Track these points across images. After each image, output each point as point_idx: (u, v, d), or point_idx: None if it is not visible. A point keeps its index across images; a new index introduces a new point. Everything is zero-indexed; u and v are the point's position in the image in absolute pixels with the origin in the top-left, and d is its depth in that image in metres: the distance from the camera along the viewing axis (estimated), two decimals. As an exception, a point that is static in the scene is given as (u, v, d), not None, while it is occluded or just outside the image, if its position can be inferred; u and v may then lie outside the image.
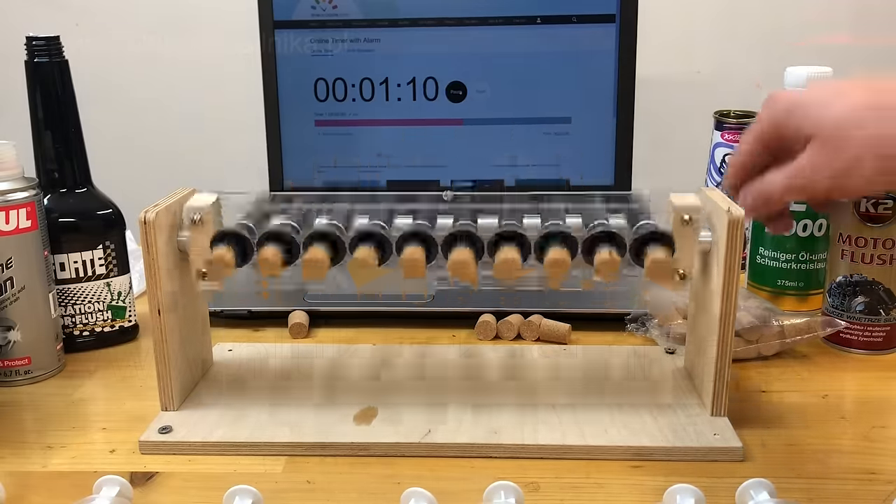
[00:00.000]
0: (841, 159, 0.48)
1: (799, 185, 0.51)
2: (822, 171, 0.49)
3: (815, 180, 0.50)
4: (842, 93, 0.50)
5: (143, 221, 0.53)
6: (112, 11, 1.09)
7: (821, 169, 0.49)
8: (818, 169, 0.49)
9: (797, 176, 0.50)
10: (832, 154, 0.49)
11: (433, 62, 0.89)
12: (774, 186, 0.52)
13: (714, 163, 0.80)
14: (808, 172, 0.50)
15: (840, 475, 0.50)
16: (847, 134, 0.48)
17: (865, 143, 0.48)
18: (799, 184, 0.51)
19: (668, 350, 0.66)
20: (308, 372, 0.63)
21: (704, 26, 1.05)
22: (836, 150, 0.48)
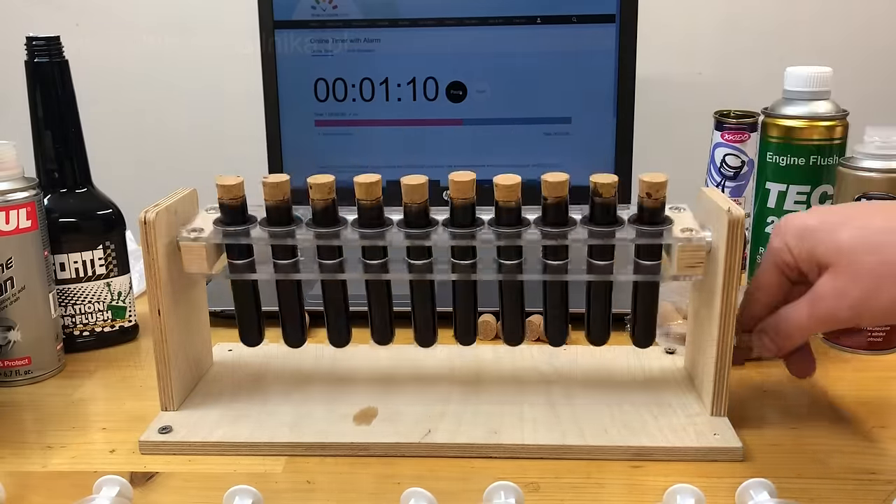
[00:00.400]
0: (860, 284, 0.47)
1: (823, 316, 0.49)
2: (843, 300, 0.48)
3: (837, 310, 0.48)
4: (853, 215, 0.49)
5: (143, 221, 0.53)
6: (112, 11, 1.09)
7: (842, 297, 0.48)
8: (839, 297, 0.48)
9: (818, 304, 0.49)
10: (851, 282, 0.48)
11: (433, 62, 0.89)
12: (796, 321, 0.50)
13: (714, 163, 0.80)
14: (830, 303, 0.48)
15: (840, 475, 0.50)
16: (861, 259, 0.47)
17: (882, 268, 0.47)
18: (822, 315, 0.49)
19: (668, 350, 0.66)
20: (308, 372, 0.63)
21: (705, 26, 1.05)
22: (855, 278, 0.47)
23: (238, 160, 1.10)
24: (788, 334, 0.51)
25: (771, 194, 0.74)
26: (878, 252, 0.47)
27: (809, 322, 0.50)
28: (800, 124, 0.72)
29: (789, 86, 0.73)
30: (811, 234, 0.50)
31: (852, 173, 0.65)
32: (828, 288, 0.49)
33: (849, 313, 0.48)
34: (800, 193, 0.72)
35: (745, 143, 0.77)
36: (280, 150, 0.92)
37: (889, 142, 0.64)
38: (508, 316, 0.58)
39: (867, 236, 0.48)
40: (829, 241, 0.49)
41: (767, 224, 0.74)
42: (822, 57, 0.78)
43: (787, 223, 0.52)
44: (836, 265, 0.48)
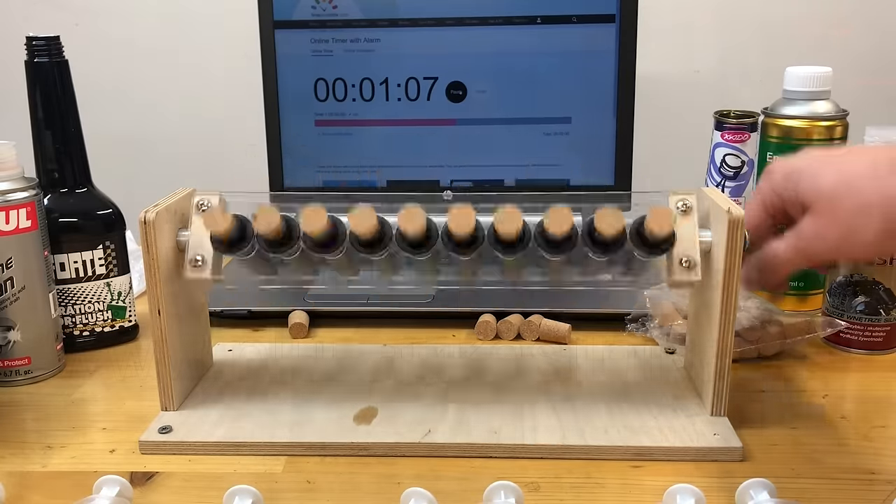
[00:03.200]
0: (838, 226, 0.49)
1: (803, 251, 0.51)
2: (822, 238, 0.50)
3: (818, 247, 0.51)
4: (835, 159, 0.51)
5: (143, 221, 0.53)
6: (112, 11, 1.09)
7: (821, 236, 0.50)
8: (819, 236, 0.50)
9: (800, 243, 0.51)
10: (829, 221, 0.50)
11: (433, 62, 0.89)
12: (779, 255, 0.52)
13: (714, 163, 0.80)
14: (809, 241, 0.51)
15: (840, 475, 0.50)
16: (841, 202, 0.49)
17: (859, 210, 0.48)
18: (803, 250, 0.51)
19: (668, 350, 0.66)
20: (308, 372, 0.63)
21: (704, 26, 1.05)
22: (833, 217, 0.49)
23: (238, 160, 1.10)
24: (773, 269, 0.53)
25: (771, 194, 0.74)
26: (856, 195, 0.49)
27: (792, 258, 0.52)
28: (800, 124, 0.72)
29: (789, 86, 0.73)
30: (797, 175, 0.52)
31: (852, 173, 0.65)
32: (809, 228, 0.51)
33: (828, 253, 0.52)
34: (800, 193, 0.72)
35: (745, 143, 0.77)
36: (280, 150, 0.92)
37: (889, 142, 0.64)
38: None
39: (847, 180, 0.49)
40: (811, 184, 0.51)
41: (767, 224, 0.74)
42: (822, 57, 0.78)
43: (776, 165, 0.54)
44: (816, 207, 0.50)
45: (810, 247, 0.51)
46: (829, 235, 0.50)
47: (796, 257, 0.52)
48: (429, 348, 0.67)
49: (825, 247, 0.51)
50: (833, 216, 0.50)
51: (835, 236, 0.50)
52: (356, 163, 0.92)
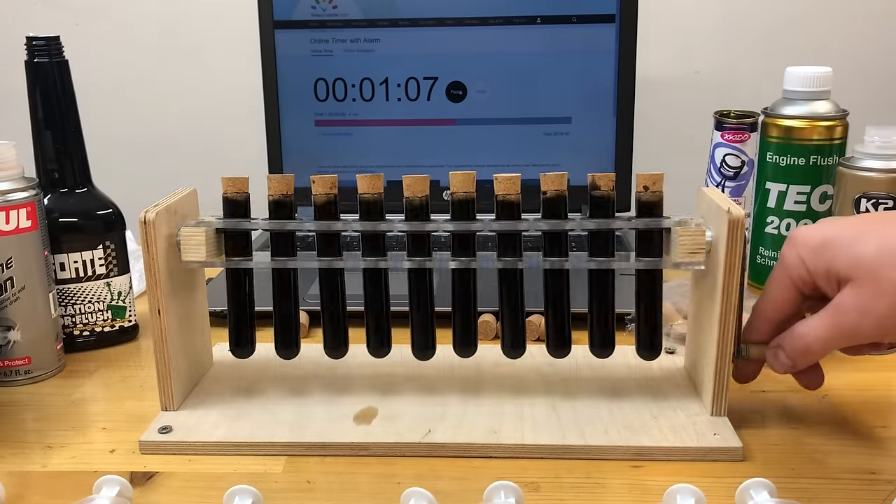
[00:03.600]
0: (885, 297, 0.46)
1: (844, 329, 0.48)
2: (867, 313, 0.46)
3: (862, 323, 0.47)
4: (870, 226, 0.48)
5: (143, 221, 0.53)
6: (112, 11, 1.09)
7: (866, 312, 0.46)
8: (863, 312, 0.46)
9: (840, 320, 0.47)
10: (876, 296, 0.46)
11: (433, 62, 0.89)
12: (816, 336, 0.49)
13: (714, 163, 0.80)
14: (854, 317, 0.47)
15: (840, 475, 0.50)
16: (886, 273, 0.46)
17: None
18: (843, 328, 0.48)
19: (668, 350, 0.66)
20: (308, 372, 0.63)
21: (704, 26, 1.05)
22: (880, 291, 0.46)
23: (238, 160, 1.10)
24: (807, 351, 0.50)
25: (771, 194, 0.74)
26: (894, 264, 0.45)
27: (831, 338, 0.49)
28: (800, 124, 0.72)
29: (789, 86, 0.73)
30: (829, 247, 0.48)
31: (852, 173, 0.65)
32: (850, 303, 0.47)
33: (874, 329, 0.47)
34: (800, 193, 0.72)
35: (745, 143, 0.77)
36: (280, 150, 0.92)
37: (889, 142, 0.64)
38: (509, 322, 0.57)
39: (890, 249, 0.46)
40: (849, 255, 0.47)
41: (767, 224, 0.74)
42: (822, 57, 0.78)
43: (802, 237, 0.50)
44: (858, 279, 0.47)
45: (855, 325, 0.47)
46: (875, 309, 0.46)
47: (838, 338, 0.48)
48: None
49: (870, 322, 0.46)
50: (878, 288, 0.46)
51: (881, 310, 0.46)
52: (356, 163, 0.92)
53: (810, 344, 0.49)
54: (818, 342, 0.49)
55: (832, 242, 0.48)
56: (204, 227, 0.55)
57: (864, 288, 0.46)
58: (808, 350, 0.50)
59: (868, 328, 0.47)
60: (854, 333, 0.48)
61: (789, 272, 0.51)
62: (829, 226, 0.50)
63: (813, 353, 0.50)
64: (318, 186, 0.55)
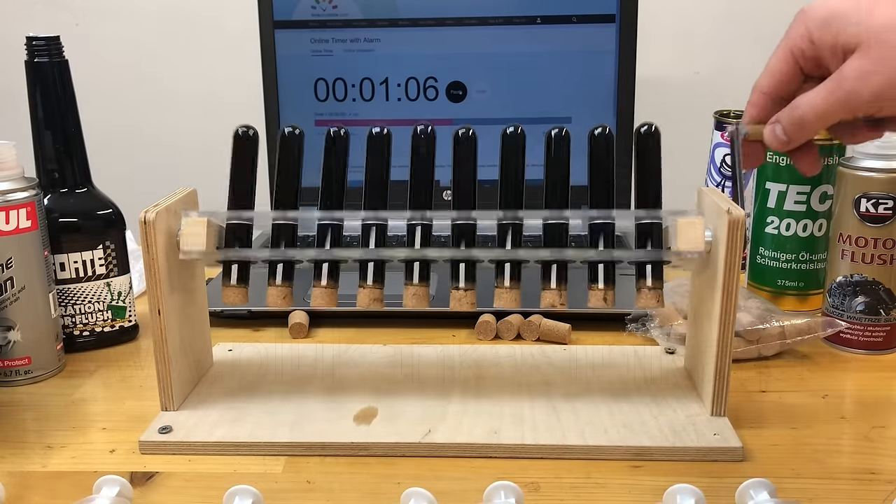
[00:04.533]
0: (889, 68, 0.44)
1: (842, 97, 0.46)
2: (868, 83, 0.45)
3: (861, 93, 0.45)
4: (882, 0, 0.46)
5: (143, 221, 0.53)
6: (112, 12, 1.09)
7: (867, 80, 0.45)
8: (864, 80, 0.45)
9: (840, 90, 0.46)
10: (880, 61, 0.44)
11: (433, 62, 0.89)
12: (813, 106, 0.47)
13: (714, 163, 0.80)
14: (852, 84, 0.45)
15: (840, 475, 0.50)
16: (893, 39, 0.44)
17: None
18: (842, 99, 0.46)
19: (668, 350, 0.66)
20: (308, 372, 0.63)
21: (704, 26, 1.05)
22: (885, 56, 0.44)
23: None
24: (803, 120, 0.48)
25: (771, 194, 0.74)
26: None
27: (827, 107, 0.47)
28: (800, 124, 0.71)
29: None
30: (839, 18, 0.46)
31: (852, 173, 0.65)
32: (853, 68, 0.45)
33: (871, 97, 0.46)
34: (800, 193, 0.72)
35: (745, 143, 0.77)
36: (280, 150, 0.92)
37: (889, 142, 0.64)
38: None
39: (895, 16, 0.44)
40: (859, 23, 0.45)
41: (767, 224, 0.74)
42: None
43: (813, 9, 0.48)
44: (865, 45, 0.45)
45: (852, 90, 0.45)
46: (876, 75, 0.44)
47: (834, 105, 0.46)
48: (429, 348, 0.67)
49: (868, 89, 0.45)
50: (884, 54, 0.44)
51: (882, 77, 0.44)
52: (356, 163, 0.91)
53: (806, 113, 0.48)
54: (813, 111, 0.48)
55: (843, 14, 0.47)
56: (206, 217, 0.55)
57: (868, 53, 0.45)
58: (803, 119, 0.48)
59: (865, 95, 0.46)
60: (850, 101, 0.46)
61: (790, 44, 0.49)
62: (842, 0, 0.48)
63: (808, 122, 0.48)
64: None
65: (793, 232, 0.73)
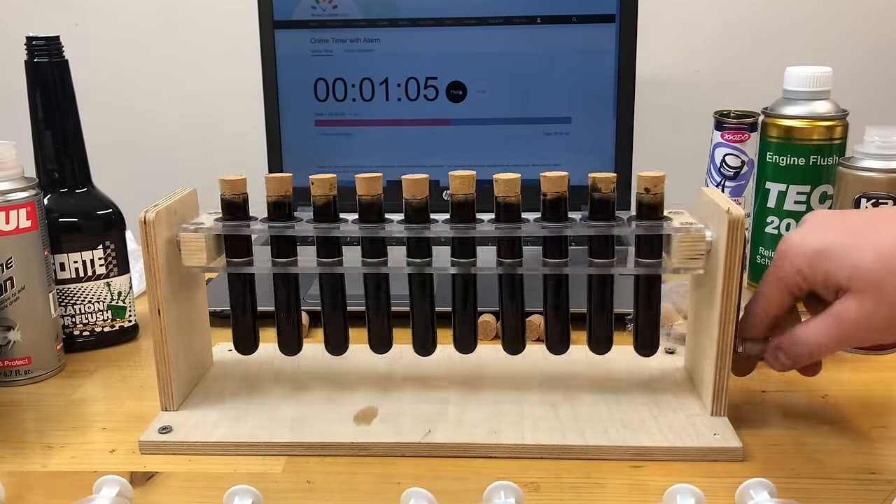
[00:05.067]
0: (886, 308, 0.47)
1: (846, 338, 0.49)
2: (870, 323, 0.47)
3: (865, 332, 0.48)
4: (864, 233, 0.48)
5: (143, 221, 0.53)
6: (112, 11, 1.09)
7: (868, 320, 0.47)
8: (866, 320, 0.47)
9: (843, 330, 0.48)
10: (876, 305, 0.47)
11: (433, 62, 0.89)
12: (817, 342, 0.50)
13: (714, 163, 0.79)
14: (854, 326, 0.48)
15: (840, 475, 0.50)
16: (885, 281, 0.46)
17: None
18: (846, 337, 0.49)
19: (668, 350, 0.66)
20: (308, 372, 0.63)
21: (704, 26, 1.05)
22: (880, 299, 0.47)
23: (238, 160, 1.10)
24: (809, 354, 0.51)
25: (771, 194, 0.74)
26: None
27: (834, 345, 0.50)
28: (800, 124, 0.72)
29: (789, 86, 0.73)
30: (824, 257, 0.49)
31: (852, 173, 0.65)
32: (854, 312, 0.48)
33: (877, 336, 0.49)
34: (800, 193, 0.72)
35: (745, 143, 0.77)
36: (280, 150, 0.92)
37: (889, 142, 0.64)
38: (509, 322, 0.58)
39: (887, 256, 0.47)
40: (847, 266, 0.48)
41: (767, 224, 0.74)
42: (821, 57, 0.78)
43: (794, 247, 0.51)
44: (859, 290, 0.47)
45: (856, 333, 0.48)
46: (878, 316, 0.47)
47: (838, 344, 0.49)
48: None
49: (873, 331, 0.48)
50: (880, 297, 0.47)
51: (884, 317, 0.47)
52: (356, 163, 0.92)
53: (812, 350, 0.50)
54: (820, 348, 0.50)
55: (827, 252, 0.49)
56: (203, 233, 0.55)
57: (865, 298, 0.47)
58: (810, 355, 0.51)
59: (871, 336, 0.49)
60: (857, 341, 0.50)
61: (784, 280, 0.51)
62: (822, 232, 0.50)
63: (814, 357, 0.51)
64: (317, 187, 0.55)
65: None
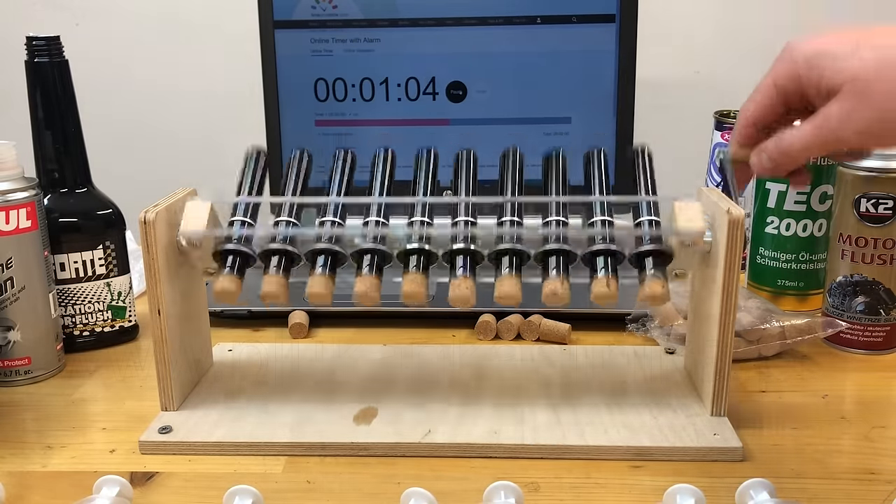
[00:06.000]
0: (872, 109, 0.45)
1: (826, 137, 0.48)
2: (852, 123, 0.46)
3: (845, 132, 0.47)
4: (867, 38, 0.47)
5: (143, 221, 0.53)
6: (112, 11, 1.09)
7: (851, 121, 0.46)
8: (848, 120, 0.46)
9: (824, 128, 0.47)
10: (862, 104, 0.46)
11: (433, 62, 0.89)
12: (799, 141, 0.49)
13: (714, 163, 0.79)
14: (836, 124, 0.47)
15: (840, 475, 0.50)
16: (879, 83, 0.45)
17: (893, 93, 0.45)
18: (827, 137, 0.48)
19: (668, 350, 0.66)
20: (308, 372, 0.63)
21: (704, 26, 1.05)
22: (867, 99, 0.45)
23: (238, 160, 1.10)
24: (790, 153, 0.50)
25: (771, 194, 0.74)
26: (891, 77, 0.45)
27: (812, 144, 0.49)
28: (800, 124, 0.71)
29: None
30: (824, 57, 0.47)
31: (852, 173, 0.65)
32: (835, 110, 0.47)
33: (855, 137, 0.47)
34: (800, 193, 0.72)
35: (745, 143, 0.77)
36: (280, 150, 0.92)
37: (889, 142, 0.64)
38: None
39: (888, 59, 0.45)
40: (844, 66, 0.46)
41: (767, 224, 0.74)
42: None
43: (797, 47, 0.49)
44: (848, 88, 0.46)
45: (836, 131, 0.47)
46: (860, 118, 0.46)
47: (818, 142, 0.48)
48: (429, 348, 0.67)
49: (853, 130, 0.46)
50: (868, 98, 0.45)
51: (866, 119, 0.46)
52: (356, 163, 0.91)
53: (792, 146, 0.50)
54: (799, 143, 0.49)
55: (828, 53, 0.48)
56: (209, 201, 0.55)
57: (852, 97, 0.46)
58: (789, 152, 0.50)
59: (849, 135, 0.47)
60: (836, 139, 0.48)
61: (774, 79, 0.50)
62: (826, 37, 0.49)
63: (793, 155, 0.50)
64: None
65: (793, 232, 0.73)
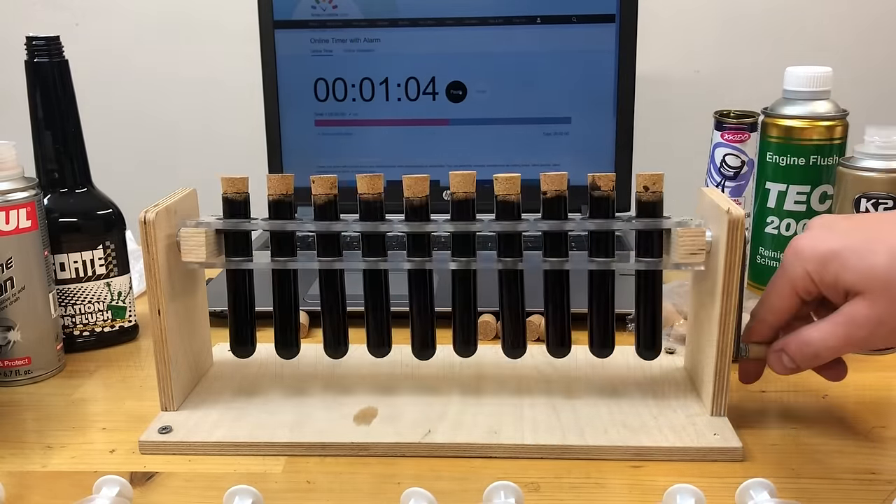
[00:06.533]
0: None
1: (858, 344, 0.49)
2: (883, 328, 0.47)
3: (875, 338, 0.48)
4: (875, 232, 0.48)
5: (143, 221, 0.53)
6: (112, 11, 1.09)
7: (882, 324, 0.47)
8: (879, 325, 0.47)
9: (854, 335, 0.48)
10: (888, 306, 0.46)
11: (433, 62, 0.89)
12: (825, 346, 0.49)
13: (714, 163, 0.80)
14: (867, 332, 0.48)
15: (840, 475, 0.50)
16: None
17: None
18: (857, 343, 0.48)
19: (668, 350, 0.66)
20: (308, 372, 0.63)
21: (705, 26, 1.05)
22: (892, 301, 0.46)
23: (238, 160, 1.10)
24: (816, 356, 0.50)
25: (771, 194, 0.74)
26: None
27: (842, 348, 0.49)
28: (800, 124, 0.72)
29: (789, 86, 0.73)
30: (836, 260, 0.48)
31: (852, 173, 0.65)
32: (864, 316, 0.47)
33: (885, 340, 0.48)
34: (800, 193, 0.72)
35: (745, 143, 0.77)
36: (280, 150, 0.92)
37: (889, 142, 0.64)
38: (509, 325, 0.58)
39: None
40: (860, 268, 0.47)
41: (767, 224, 0.74)
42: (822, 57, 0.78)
43: (805, 249, 0.50)
44: (871, 292, 0.47)
45: (866, 335, 0.48)
46: (889, 321, 0.47)
47: (847, 346, 0.49)
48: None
49: (883, 334, 0.47)
50: (892, 300, 0.46)
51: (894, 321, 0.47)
52: (356, 163, 0.92)
53: (819, 351, 0.50)
54: (828, 350, 0.50)
55: (839, 255, 0.48)
56: (203, 228, 0.55)
57: (877, 300, 0.47)
58: (817, 357, 0.50)
59: (881, 339, 0.48)
60: (865, 344, 0.49)
61: (793, 284, 0.51)
62: (833, 235, 0.49)
63: (821, 359, 0.51)
64: (318, 187, 0.55)
65: (793, 232, 0.73)
